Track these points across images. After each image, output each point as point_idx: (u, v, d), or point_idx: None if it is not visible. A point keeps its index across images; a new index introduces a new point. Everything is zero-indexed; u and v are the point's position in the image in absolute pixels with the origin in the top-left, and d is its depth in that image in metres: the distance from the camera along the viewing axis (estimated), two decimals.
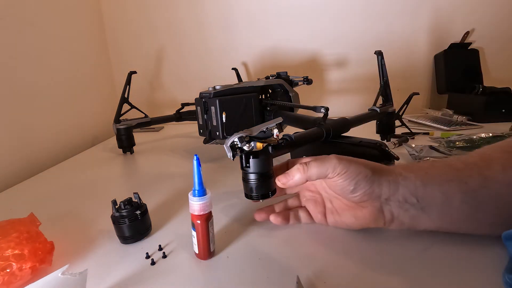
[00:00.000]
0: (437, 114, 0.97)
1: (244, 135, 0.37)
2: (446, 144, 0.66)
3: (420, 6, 1.08)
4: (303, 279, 0.30)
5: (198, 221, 0.33)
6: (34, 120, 0.78)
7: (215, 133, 0.63)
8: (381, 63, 0.70)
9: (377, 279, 0.30)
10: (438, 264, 0.31)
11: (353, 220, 0.36)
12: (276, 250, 0.36)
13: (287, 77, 0.79)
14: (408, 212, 0.33)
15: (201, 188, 0.33)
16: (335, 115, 0.61)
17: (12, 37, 0.73)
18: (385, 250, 0.34)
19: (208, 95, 0.62)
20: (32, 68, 0.79)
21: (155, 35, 1.18)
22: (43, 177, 0.69)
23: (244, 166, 0.38)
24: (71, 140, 0.92)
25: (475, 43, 1.10)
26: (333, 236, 0.38)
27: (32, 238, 0.33)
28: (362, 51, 1.12)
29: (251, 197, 0.39)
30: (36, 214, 0.39)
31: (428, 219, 0.33)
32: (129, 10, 1.16)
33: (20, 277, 0.31)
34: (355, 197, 0.34)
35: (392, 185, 0.33)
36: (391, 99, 0.72)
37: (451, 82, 1.07)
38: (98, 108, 1.09)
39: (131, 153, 0.81)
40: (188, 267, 0.34)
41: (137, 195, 0.40)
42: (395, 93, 0.76)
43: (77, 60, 0.99)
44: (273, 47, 1.16)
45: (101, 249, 0.38)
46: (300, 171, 0.35)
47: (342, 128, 0.56)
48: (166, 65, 1.21)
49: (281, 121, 0.41)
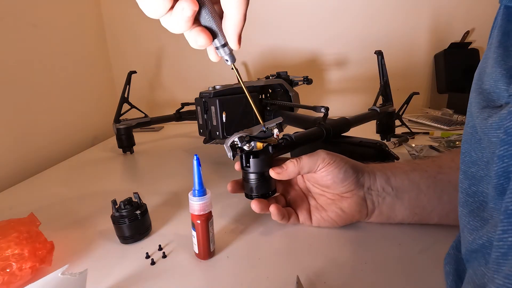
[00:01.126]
0: (437, 113, 0.96)
1: (244, 135, 0.37)
2: (446, 144, 0.66)
3: (420, 6, 1.08)
4: (303, 279, 0.30)
5: (198, 221, 0.33)
6: (34, 120, 0.78)
7: (215, 133, 0.63)
8: (381, 63, 0.70)
9: (377, 279, 0.30)
10: (438, 264, 0.31)
11: (339, 213, 0.38)
12: (276, 250, 0.36)
13: (287, 77, 0.79)
14: (385, 200, 0.37)
15: (201, 188, 0.33)
16: (335, 115, 0.61)
17: (12, 37, 0.73)
18: (385, 250, 0.34)
19: (208, 95, 0.62)
20: (32, 68, 0.79)
21: (155, 35, 1.18)
22: (43, 177, 0.69)
23: (244, 166, 0.38)
24: (71, 140, 0.92)
25: (475, 42, 1.10)
26: (333, 236, 0.38)
27: (32, 238, 0.33)
28: (362, 50, 1.12)
29: (251, 196, 0.39)
30: (36, 214, 0.39)
31: (402, 206, 0.37)
32: (129, 10, 1.16)
33: (20, 277, 0.31)
34: (344, 186, 0.37)
35: (371, 175, 0.38)
36: (391, 99, 0.72)
37: (451, 82, 1.07)
38: (98, 108, 1.09)
39: (131, 153, 0.81)
40: (188, 267, 0.34)
41: (137, 195, 0.40)
42: (395, 92, 0.75)
43: (77, 60, 0.99)
44: (273, 47, 1.16)
45: (101, 249, 0.38)
46: (293, 163, 0.38)
47: (342, 128, 0.56)
48: (166, 65, 1.21)
49: (281, 121, 0.41)
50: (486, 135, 0.17)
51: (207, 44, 0.26)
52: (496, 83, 0.17)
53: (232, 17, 0.25)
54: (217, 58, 0.29)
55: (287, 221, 0.39)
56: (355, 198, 0.37)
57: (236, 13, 0.25)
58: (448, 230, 0.36)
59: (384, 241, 0.36)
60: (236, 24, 0.25)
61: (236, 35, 0.26)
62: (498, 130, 0.16)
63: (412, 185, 0.37)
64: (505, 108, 0.16)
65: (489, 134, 0.17)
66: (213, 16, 0.26)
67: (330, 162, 0.37)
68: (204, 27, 0.26)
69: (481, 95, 0.19)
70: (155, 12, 0.23)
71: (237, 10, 0.25)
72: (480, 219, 0.18)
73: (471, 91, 0.20)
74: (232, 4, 0.24)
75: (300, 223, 0.40)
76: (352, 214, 0.38)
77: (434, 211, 0.37)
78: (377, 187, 0.38)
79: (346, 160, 0.38)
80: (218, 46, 0.28)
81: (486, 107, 0.18)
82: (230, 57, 0.29)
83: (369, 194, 0.38)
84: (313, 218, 0.39)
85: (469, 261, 0.19)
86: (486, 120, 0.17)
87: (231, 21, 0.25)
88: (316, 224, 0.39)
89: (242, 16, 0.25)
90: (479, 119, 0.18)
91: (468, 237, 0.19)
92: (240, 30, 0.26)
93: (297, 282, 0.29)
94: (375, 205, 0.38)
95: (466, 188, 0.20)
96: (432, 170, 0.37)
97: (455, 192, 0.34)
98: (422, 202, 0.37)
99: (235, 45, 0.27)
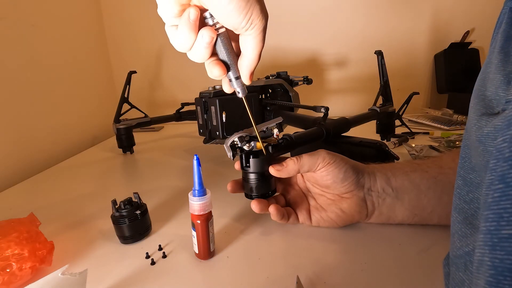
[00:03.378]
0: (437, 113, 0.96)
1: (244, 135, 0.37)
2: (446, 144, 0.66)
3: (420, 6, 1.08)
4: (303, 279, 0.30)
5: (198, 221, 0.33)
6: (34, 120, 0.78)
7: (215, 133, 0.63)
8: (381, 63, 0.70)
9: (377, 279, 0.30)
10: (438, 265, 0.31)
11: (339, 213, 0.38)
12: (276, 250, 0.36)
13: (287, 77, 0.79)
14: (385, 201, 0.37)
15: (201, 188, 0.33)
16: (335, 115, 0.61)
17: (12, 37, 0.73)
18: (385, 250, 0.34)
19: (208, 95, 0.62)
20: (32, 68, 0.79)
21: (155, 35, 1.18)
22: (43, 177, 0.69)
23: (244, 166, 0.38)
24: (71, 140, 0.92)
25: (475, 42, 1.10)
26: (333, 236, 0.38)
27: (32, 238, 0.33)
28: (362, 50, 1.12)
29: (251, 196, 0.39)
30: (36, 214, 0.39)
31: (402, 207, 0.37)
32: (129, 10, 1.16)
33: (20, 277, 0.31)
34: (344, 186, 0.37)
35: (371, 176, 0.38)
36: (391, 99, 0.72)
37: (451, 82, 1.07)
38: (98, 108, 1.09)
39: (131, 153, 0.81)
40: (188, 267, 0.34)
41: (137, 195, 0.40)
42: (395, 92, 0.75)
43: (77, 60, 0.99)
44: (273, 47, 1.16)
45: (101, 249, 0.38)
46: (293, 160, 0.38)
47: (342, 128, 0.56)
48: (166, 64, 1.21)
49: (281, 120, 0.41)
50: (483, 144, 0.17)
51: (221, 75, 0.30)
52: (497, 90, 0.17)
53: (248, 56, 0.29)
54: (230, 90, 0.32)
55: (287, 221, 0.39)
56: (355, 199, 0.37)
57: (252, 54, 0.29)
58: (448, 230, 0.35)
59: (384, 242, 0.36)
60: (250, 63, 0.29)
61: (249, 72, 0.30)
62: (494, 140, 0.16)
63: (413, 186, 0.37)
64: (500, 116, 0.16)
65: (486, 143, 0.17)
66: (230, 52, 0.30)
67: (330, 162, 0.37)
68: (220, 61, 0.30)
69: (482, 102, 0.18)
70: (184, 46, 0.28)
71: (253, 51, 0.29)
72: (471, 227, 0.18)
73: (472, 96, 0.20)
74: (248, 45, 0.28)
75: (300, 223, 0.40)
76: (351, 214, 0.38)
77: (434, 211, 0.37)
78: (377, 188, 0.37)
79: (347, 161, 0.38)
80: (231, 78, 0.31)
81: (484, 115, 0.18)
82: (242, 89, 0.32)
83: (369, 195, 0.38)
84: (313, 218, 0.39)
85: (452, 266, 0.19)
86: (482, 129, 0.17)
87: (246, 60, 0.29)
88: (316, 224, 0.39)
89: (256, 56, 0.29)
90: (475, 128, 0.18)
91: (457, 242, 0.19)
92: (253, 68, 0.30)
93: (297, 282, 0.29)
94: (375, 206, 0.38)
95: (464, 195, 0.20)
96: (433, 170, 0.37)
97: None
98: (422, 203, 0.37)
99: (247, 80, 0.31)
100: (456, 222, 0.20)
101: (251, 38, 0.28)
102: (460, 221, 0.19)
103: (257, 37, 0.28)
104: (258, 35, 0.28)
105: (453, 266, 0.18)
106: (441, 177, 0.36)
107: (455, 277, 0.18)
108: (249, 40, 0.28)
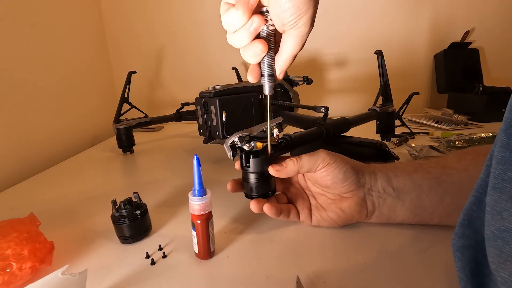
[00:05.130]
0: (437, 113, 0.96)
1: (244, 135, 0.37)
2: (446, 144, 0.66)
3: (420, 6, 1.08)
4: (303, 279, 0.30)
5: (198, 221, 0.33)
6: (34, 119, 0.78)
7: (215, 133, 0.63)
8: (381, 63, 0.70)
9: (377, 279, 0.30)
10: (438, 264, 0.31)
11: (339, 213, 0.38)
12: (276, 250, 0.36)
13: (287, 77, 0.79)
14: (386, 201, 0.37)
15: (201, 188, 0.33)
16: (335, 115, 0.61)
17: (12, 37, 0.73)
18: (385, 250, 0.34)
19: (208, 95, 0.62)
20: (32, 68, 0.79)
21: (154, 35, 1.18)
22: (43, 177, 0.69)
23: (244, 166, 0.38)
24: (71, 140, 0.92)
25: (475, 42, 1.10)
26: (333, 236, 0.38)
27: (32, 238, 0.33)
28: (362, 51, 1.12)
29: (250, 196, 0.39)
30: (36, 214, 0.39)
31: (403, 207, 0.37)
32: (129, 10, 1.16)
33: (20, 277, 0.31)
34: (344, 186, 0.37)
35: (372, 176, 0.38)
36: (391, 99, 0.72)
37: (451, 82, 1.07)
38: (98, 108, 1.09)
39: (131, 153, 0.81)
40: (188, 267, 0.34)
41: (137, 195, 0.40)
42: (395, 92, 0.75)
43: (77, 60, 0.99)
44: None
45: (101, 249, 0.38)
46: (293, 161, 0.38)
47: (342, 128, 0.56)
48: (166, 64, 1.21)
49: (281, 120, 0.41)
50: None
51: (263, 52, 0.30)
52: None
53: (284, 55, 0.31)
54: (254, 80, 0.33)
55: (287, 217, 0.39)
56: (355, 199, 0.37)
57: (288, 52, 0.31)
58: (448, 230, 0.35)
59: (384, 241, 0.36)
60: (284, 62, 0.31)
61: (281, 69, 0.32)
62: None
63: (414, 186, 0.37)
64: None
65: None
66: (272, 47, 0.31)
67: (330, 162, 0.37)
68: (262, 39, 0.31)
69: None
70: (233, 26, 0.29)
71: (290, 50, 0.30)
72: None
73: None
74: (288, 44, 0.30)
75: (300, 221, 0.40)
76: (352, 214, 0.38)
77: (435, 212, 0.36)
78: (378, 187, 0.37)
79: (347, 161, 0.38)
80: (265, 73, 0.32)
81: None
82: (270, 87, 0.33)
83: (370, 195, 0.38)
84: (313, 217, 0.39)
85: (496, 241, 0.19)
86: None
87: (281, 58, 0.31)
88: (316, 224, 0.39)
89: (291, 56, 0.31)
90: None
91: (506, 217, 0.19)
92: (286, 68, 0.32)
93: (297, 282, 0.30)
94: (375, 206, 0.38)
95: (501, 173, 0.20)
96: (436, 171, 0.37)
97: (458, 193, 0.35)
98: (423, 203, 0.36)
99: (277, 76, 0.33)
100: (502, 201, 0.20)
101: (292, 38, 0.29)
102: (507, 199, 0.19)
103: (299, 38, 0.29)
104: (301, 37, 0.29)
105: (499, 240, 0.19)
106: (444, 178, 0.36)
107: (504, 250, 0.18)
108: (290, 39, 0.30)
